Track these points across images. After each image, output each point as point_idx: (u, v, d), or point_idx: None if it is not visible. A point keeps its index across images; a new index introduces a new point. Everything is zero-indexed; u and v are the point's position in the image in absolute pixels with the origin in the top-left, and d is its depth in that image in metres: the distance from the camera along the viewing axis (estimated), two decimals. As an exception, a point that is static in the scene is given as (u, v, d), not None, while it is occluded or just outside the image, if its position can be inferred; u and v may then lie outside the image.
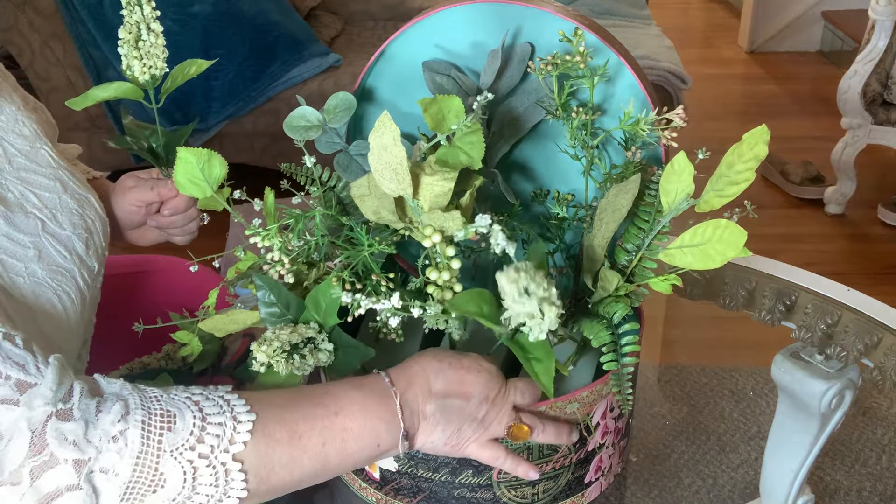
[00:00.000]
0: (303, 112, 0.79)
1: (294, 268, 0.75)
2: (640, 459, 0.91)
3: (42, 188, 0.78)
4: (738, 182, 0.68)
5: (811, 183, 2.83)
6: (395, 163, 0.68)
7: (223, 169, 0.75)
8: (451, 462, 0.75)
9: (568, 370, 0.72)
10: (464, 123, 0.71)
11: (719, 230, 0.68)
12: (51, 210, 0.77)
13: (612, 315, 0.75)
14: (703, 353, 1.13)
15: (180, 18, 2.27)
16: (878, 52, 2.50)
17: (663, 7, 4.45)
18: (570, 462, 0.77)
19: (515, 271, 0.66)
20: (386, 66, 0.88)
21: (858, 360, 1.00)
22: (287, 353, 0.70)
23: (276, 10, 2.50)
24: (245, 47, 2.36)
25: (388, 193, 0.70)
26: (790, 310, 1.09)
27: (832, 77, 2.85)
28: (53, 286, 0.73)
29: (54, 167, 0.81)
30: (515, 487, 0.77)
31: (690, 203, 0.70)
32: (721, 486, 0.88)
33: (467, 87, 0.83)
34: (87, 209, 0.81)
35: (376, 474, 0.79)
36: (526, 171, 0.91)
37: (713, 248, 0.68)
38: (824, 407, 0.70)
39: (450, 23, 0.84)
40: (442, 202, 0.71)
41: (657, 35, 2.71)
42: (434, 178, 0.69)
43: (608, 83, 0.82)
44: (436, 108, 0.72)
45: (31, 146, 0.80)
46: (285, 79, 2.39)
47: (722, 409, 0.99)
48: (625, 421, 0.82)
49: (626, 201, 0.73)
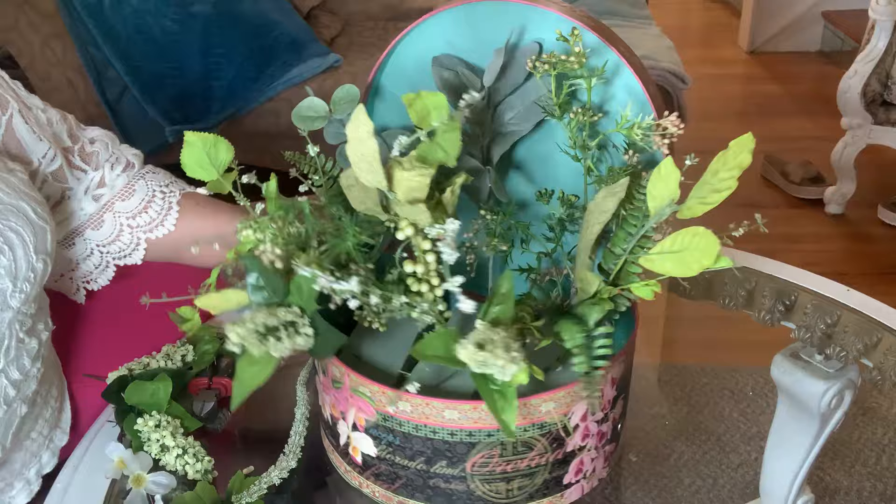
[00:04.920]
0: (311, 102, 0.81)
1: (283, 254, 0.76)
2: (640, 459, 0.91)
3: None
4: (720, 190, 0.67)
5: (811, 183, 2.83)
6: (369, 155, 0.70)
7: (229, 153, 0.78)
8: (425, 451, 0.75)
9: (542, 374, 0.71)
10: (443, 121, 0.72)
11: (697, 238, 0.67)
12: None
13: (588, 317, 0.75)
14: (703, 353, 1.13)
15: (180, 18, 2.27)
16: (878, 52, 2.50)
17: (663, 7, 4.45)
18: (546, 461, 0.77)
19: (474, 348, 0.66)
20: (397, 61, 0.88)
21: (858, 360, 1.00)
22: (262, 334, 0.71)
23: (276, 10, 2.50)
24: (245, 47, 2.36)
25: (366, 185, 0.72)
26: (790, 310, 1.09)
27: (832, 77, 2.85)
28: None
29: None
30: (489, 482, 0.76)
31: (674, 209, 0.70)
32: (721, 486, 0.88)
33: (471, 83, 0.83)
34: (13, 219, 0.77)
35: (358, 458, 0.80)
36: (529, 170, 0.91)
37: (690, 256, 0.68)
38: (824, 407, 0.70)
39: (460, 20, 0.84)
40: (418, 196, 0.72)
41: (657, 35, 2.71)
42: (411, 173, 0.71)
43: (610, 84, 0.81)
44: (420, 103, 0.74)
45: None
46: (285, 79, 2.39)
47: (722, 409, 0.99)
48: (610, 425, 0.81)
49: (612, 204, 0.73)
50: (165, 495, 0.81)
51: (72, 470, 0.88)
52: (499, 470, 0.76)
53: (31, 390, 0.85)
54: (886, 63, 2.53)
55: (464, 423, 0.74)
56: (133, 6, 2.19)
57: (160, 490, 0.81)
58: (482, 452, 0.75)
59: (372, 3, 3.02)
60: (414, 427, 0.75)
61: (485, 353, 0.67)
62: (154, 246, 0.95)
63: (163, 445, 0.83)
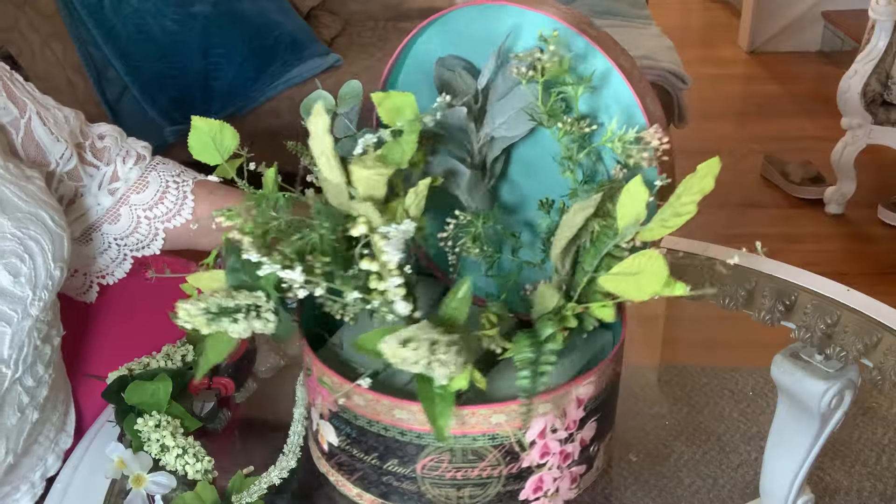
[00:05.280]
0: (319, 95, 0.82)
1: (253, 241, 0.78)
2: (640, 459, 0.91)
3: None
4: (681, 214, 0.65)
5: (811, 183, 2.83)
6: (327, 151, 0.72)
7: (234, 140, 0.80)
8: (378, 447, 0.76)
9: (483, 381, 0.70)
10: (406, 121, 0.74)
11: (650, 261, 0.65)
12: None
13: (541, 331, 0.73)
14: (703, 353, 1.13)
15: (180, 18, 2.27)
16: (878, 52, 2.50)
17: (663, 7, 4.45)
18: (499, 474, 0.75)
19: (395, 344, 0.66)
20: (406, 61, 0.88)
21: (858, 360, 1.00)
22: (214, 314, 0.73)
23: (276, 10, 2.50)
24: (245, 47, 2.35)
25: (328, 178, 0.74)
26: (790, 310, 1.09)
27: (832, 77, 2.85)
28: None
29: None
30: (439, 486, 0.76)
31: (637, 230, 0.67)
32: (721, 486, 0.88)
33: (466, 85, 0.83)
34: (32, 228, 0.77)
35: (325, 446, 0.81)
36: (526, 176, 0.89)
37: (644, 280, 0.66)
38: (824, 407, 0.70)
39: (464, 22, 0.83)
40: (376, 194, 0.73)
41: (657, 35, 2.71)
42: (369, 171, 0.72)
43: (602, 94, 0.78)
44: (389, 102, 0.75)
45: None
46: (285, 79, 2.39)
47: (722, 409, 0.99)
48: (577, 446, 0.78)
49: (579, 219, 0.71)
50: (165, 495, 0.81)
51: (72, 470, 0.88)
52: (448, 476, 0.75)
53: (43, 396, 0.85)
54: (886, 63, 2.53)
55: (413, 423, 0.73)
56: (133, 6, 2.19)
57: (160, 490, 0.81)
58: (431, 456, 0.75)
59: (372, 3, 3.02)
60: (367, 422, 0.75)
61: (405, 351, 0.66)
62: (171, 235, 0.96)
63: (163, 445, 0.83)
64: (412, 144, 0.74)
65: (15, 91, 0.86)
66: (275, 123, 2.35)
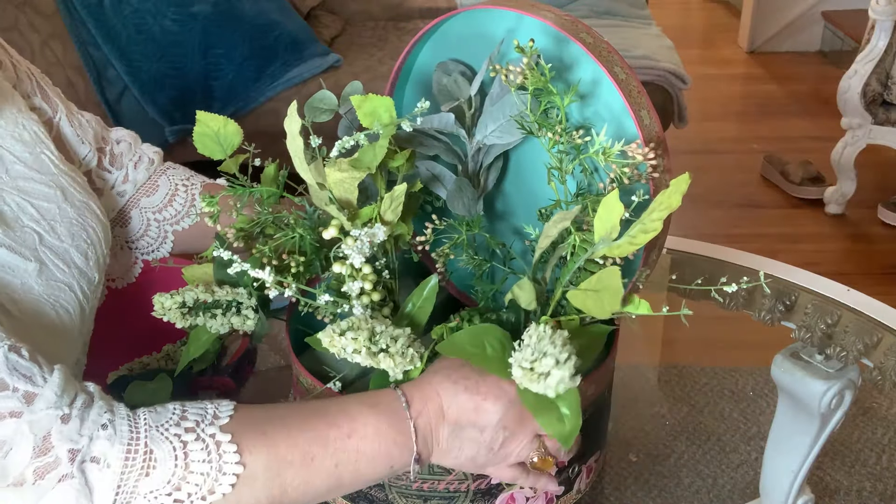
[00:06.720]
0: (323, 95, 0.82)
1: (241, 237, 0.82)
2: (640, 459, 0.91)
3: (41, 198, 0.76)
4: (647, 231, 0.64)
5: (811, 183, 2.83)
6: (298, 152, 0.74)
7: (238, 137, 0.82)
8: None
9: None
10: (382, 125, 0.74)
11: (610, 278, 0.64)
12: (49, 222, 0.75)
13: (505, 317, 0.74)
14: (703, 353, 1.13)
15: (180, 18, 2.27)
16: (878, 52, 2.51)
17: (663, 7, 4.45)
18: (467, 489, 0.75)
19: (334, 332, 0.67)
20: (412, 63, 0.87)
21: (858, 360, 1.01)
22: (191, 308, 0.75)
23: (276, 10, 2.50)
24: (245, 47, 2.36)
25: (304, 178, 0.75)
26: (790, 310, 1.09)
27: (832, 77, 2.85)
28: (51, 302, 0.71)
29: (55, 173, 0.78)
30: (407, 496, 0.75)
31: (608, 245, 0.66)
32: (721, 486, 0.88)
33: (461, 90, 0.82)
34: (88, 216, 0.79)
35: None
36: (523, 183, 0.87)
37: (605, 296, 0.65)
38: (824, 407, 0.70)
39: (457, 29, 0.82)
40: (349, 197, 0.74)
41: (657, 35, 2.71)
42: (342, 174, 0.73)
43: (594, 103, 0.76)
44: (369, 105, 0.75)
45: (30, 152, 0.78)
46: (285, 79, 2.39)
47: (722, 409, 0.99)
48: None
49: (555, 231, 0.69)
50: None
51: (72, 470, 0.88)
52: (415, 486, 0.75)
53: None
54: (886, 63, 2.53)
55: None
56: (133, 6, 2.19)
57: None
58: None
59: (372, 3, 3.02)
60: None
61: (343, 340, 0.66)
62: (180, 237, 0.96)
63: (163, 445, 0.83)
64: (384, 149, 0.74)
65: (48, 92, 0.88)
66: (275, 123, 2.34)
